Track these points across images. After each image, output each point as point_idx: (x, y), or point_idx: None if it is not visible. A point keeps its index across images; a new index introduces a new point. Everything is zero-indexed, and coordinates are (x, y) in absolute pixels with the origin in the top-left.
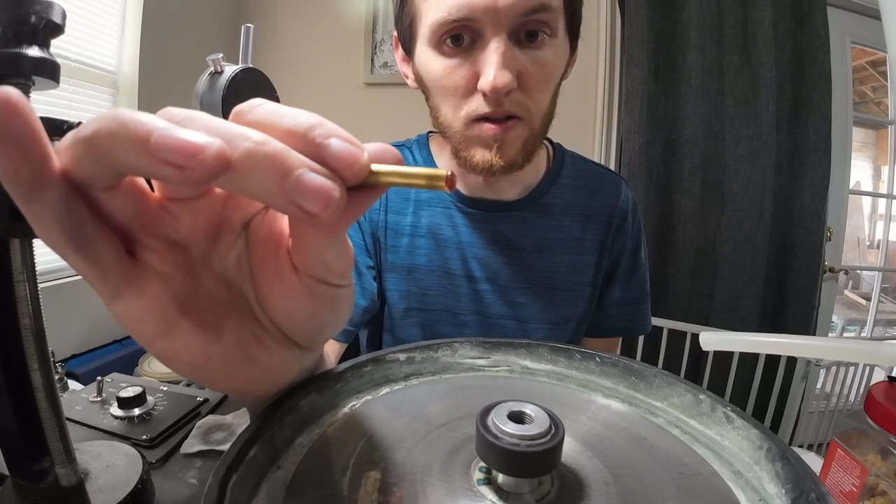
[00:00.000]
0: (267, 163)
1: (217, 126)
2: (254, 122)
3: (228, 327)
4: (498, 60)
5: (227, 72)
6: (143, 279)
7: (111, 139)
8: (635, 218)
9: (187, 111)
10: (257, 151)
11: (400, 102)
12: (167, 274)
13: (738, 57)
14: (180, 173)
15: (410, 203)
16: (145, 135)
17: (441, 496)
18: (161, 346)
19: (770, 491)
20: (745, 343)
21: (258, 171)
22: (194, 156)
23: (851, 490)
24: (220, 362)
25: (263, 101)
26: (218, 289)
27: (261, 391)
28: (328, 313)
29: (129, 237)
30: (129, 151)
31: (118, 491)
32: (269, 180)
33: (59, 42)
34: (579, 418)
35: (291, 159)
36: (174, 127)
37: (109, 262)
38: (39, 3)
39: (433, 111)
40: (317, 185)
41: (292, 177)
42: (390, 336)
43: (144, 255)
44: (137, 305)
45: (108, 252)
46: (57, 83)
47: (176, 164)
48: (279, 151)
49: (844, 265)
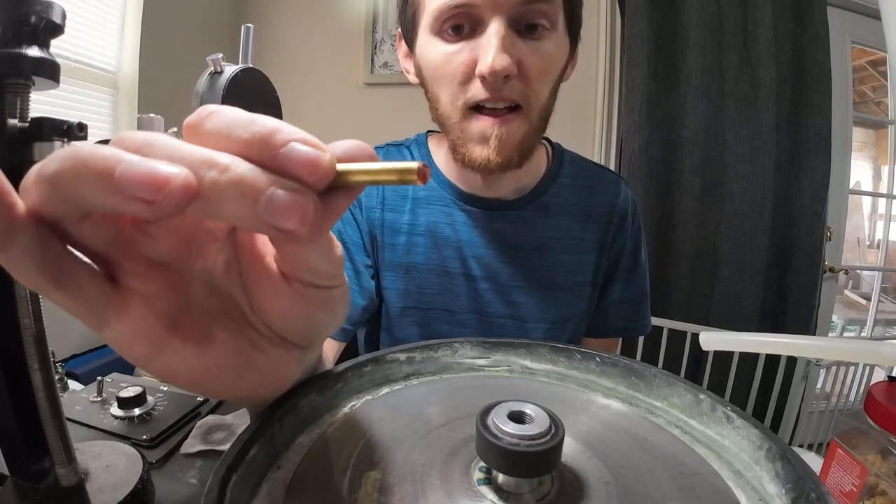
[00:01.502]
0: (235, 189)
1: (179, 151)
2: (209, 135)
3: (222, 337)
4: (497, 44)
5: (227, 72)
6: (127, 303)
7: (73, 178)
8: (635, 218)
9: (143, 135)
10: (222, 180)
11: (400, 102)
12: (151, 294)
13: (738, 57)
14: (149, 208)
15: (408, 201)
16: (108, 171)
17: (441, 496)
18: (157, 366)
19: (770, 491)
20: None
21: (227, 198)
22: (160, 189)
23: (851, 490)
24: (219, 372)
25: (214, 110)
26: (208, 299)
27: (265, 394)
28: (324, 315)
29: (108, 263)
30: (93, 189)
31: (118, 491)
32: (240, 206)
33: (59, 42)
34: (579, 418)
35: (258, 181)
36: (137, 160)
37: (92, 292)
38: (39, 3)
39: (432, 103)
40: (288, 203)
41: (262, 199)
42: (388, 335)
43: (126, 279)
44: (126, 330)
45: (89, 283)
46: (57, 83)
47: (144, 200)
48: (244, 175)
49: (844, 265)
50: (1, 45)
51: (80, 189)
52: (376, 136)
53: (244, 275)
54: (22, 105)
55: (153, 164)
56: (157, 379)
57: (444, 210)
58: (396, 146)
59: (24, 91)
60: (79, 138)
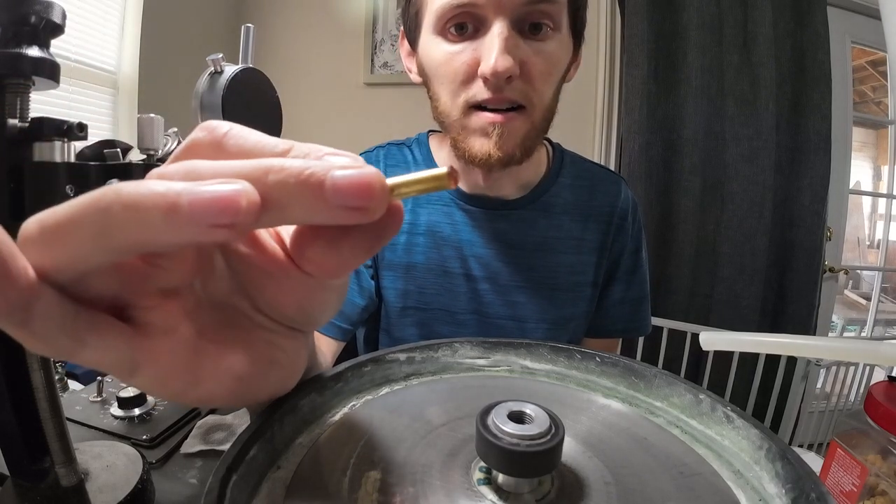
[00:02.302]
0: (299, 183)
1: (225, 168)
2: (235, 154)
3: (241, 345)
4: (500, 45)
5: (227, 72)
6: (153, 342)
7: (126, 224)
8: (635, 218)
9: (182, 163)
10: (284, 179)
11: (400, 102)
12: (172, 325)
13: (738, 57)
14: (231, 232)
15: (409, 200)
16: (171, 206)
17: (441, 496)
18: (195, 396)
19: (770, 491)
20: (745, 343)
21: (295, 195)
22: (237, 208)
23: (851, 490)
24: (251, 380)
25: (230, 128)
26: (219, 316)
27: (288, 387)
28: (338, 295)
29: (120, 305)
30: (157, 230)
31: (118, 491)
32: (309, 199)
33: (59, 42)
34: (579, 418)
35: (316, 168)
36: (199, 186)
37: (117, 341)
38: (39, 3)
39: (433, 101)
40: (352, 179)
41: (328, 184)
42: (387, 335)
43: (144, 316)
44: (159, 370)
45: (111, 332)
46: (57, 83)
47: (223, 224)
48: (302, 166)
49: (844, 265)
50: (1, 45)
51: (138, 234)
52: (376, 136)
53: (253, 277)
54: (22, 105)
55: (219, 186)
56: (196, 405)
57: (445, 210)
58: (397, 146)
59: (24, 91)
60: (79, 138)
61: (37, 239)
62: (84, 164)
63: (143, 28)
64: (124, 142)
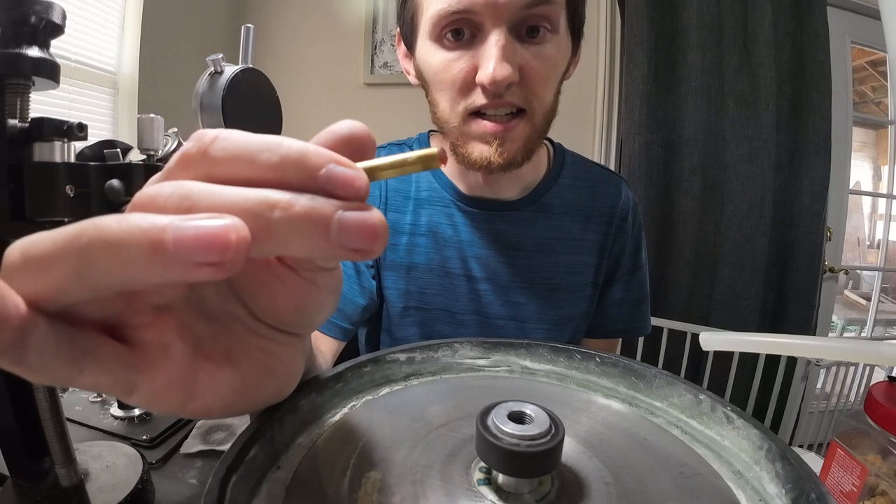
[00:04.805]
0: (306, 223)
1: (223, 197)
2: (222, 162)
3: (237, 355)
4: (497, 53)
5: (227, 72)
6: (149, 360)
7: (108, 263)
8: (636, 219)
9: (175, 186)
10: (291, 217)
11: (400, 102)
12: (167, 341)
13: (738, 57)
14: (219, 271)
15: (410, 202)
16: (155, 243)
17: (441, 496)
18: (192, 409)
19: (770, 491)
20: (745, 343)
21: (299, 233)
22: (226, 246)
23: (851, 490)
24: (247, 390)
25: (216, 135)
26: (213, 327)
27: (285, 395)
28: (333, 297)
29: (113, 326)
30: (141, 269)
31: (118, 491)
32: (312, 238)
33: (59, 42)
34: (579, 418)
35: (323, 209)
36: (184, 221)
37: (113, 363)
38: (39, 3)
39: (432, 106)
40: (359, 222)
41: (333, 226)
42: (388, 335)
43: (138, 335)
44: (157, 387)
45: (107, 354)
46: (57, 83)
47: (210, 263)
48: (311, 207)
49: (844, 265)
50: (1, 45)
51: (120, 274)
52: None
53: (245, 285)
54: (22, 105)
55: (206, 221)
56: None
57: (445, 211)
58: (398, 146)
59: (24, 91)
60: (79, 138)
61: (20, 268)
62: (84, 165)
63: (143, 28)
64: (124, 142)
